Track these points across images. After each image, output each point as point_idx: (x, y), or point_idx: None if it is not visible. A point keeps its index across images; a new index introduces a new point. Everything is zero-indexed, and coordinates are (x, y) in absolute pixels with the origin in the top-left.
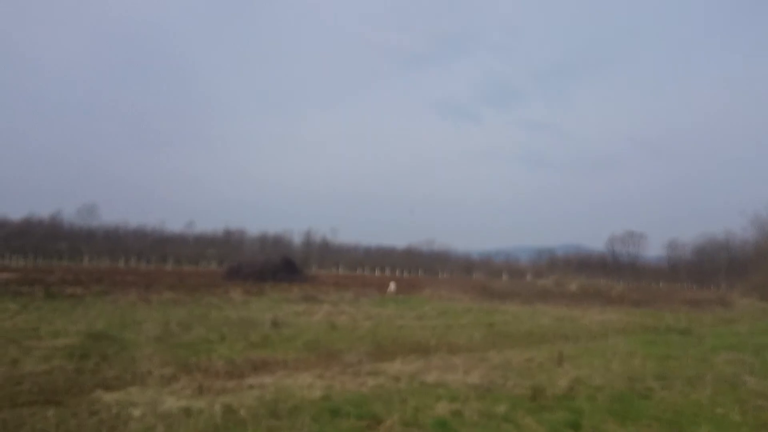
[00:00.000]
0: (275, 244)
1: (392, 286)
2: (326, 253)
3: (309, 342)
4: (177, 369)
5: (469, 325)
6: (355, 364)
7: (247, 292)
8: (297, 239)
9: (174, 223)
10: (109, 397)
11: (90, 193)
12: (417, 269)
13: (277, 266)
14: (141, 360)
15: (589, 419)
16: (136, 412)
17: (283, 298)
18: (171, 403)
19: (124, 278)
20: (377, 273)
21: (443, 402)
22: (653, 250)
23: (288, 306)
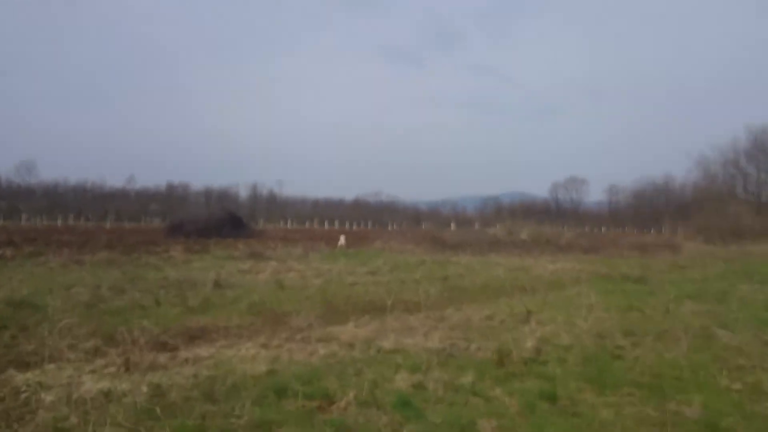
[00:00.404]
0: (221, 198)
1: (342, 239)
2: (273, 206)
3: (254, 304)
4: (103, 341)
5: (423, 280)
6: (304, 328)
7: (189, 250)
8: (243, 193)
9: (115, 179)
10: (21, 378)
11: (27, 151)
12: (366, 221)
13: (222, 221)
14: (64, 331)
15: (563, 388)
16: (49, 398)
17: (227, 255)
18: (90, 384)
19: (59, 237)
20: (326, 226)
21: (403, 372)
22: (595, 195)
23: (233, 264)
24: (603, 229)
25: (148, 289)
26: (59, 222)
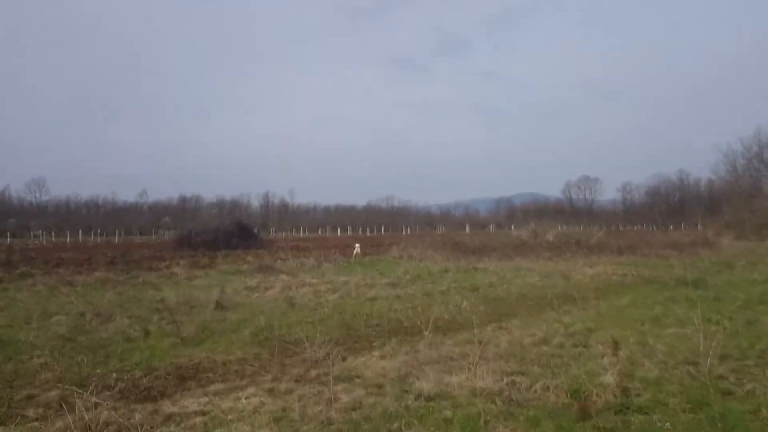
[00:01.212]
0: (233, 209)
1: (357, 248)
2: (285, 215)
3: (260, 330)
4: (70, 389)
5: (451, 291)
6: (319, 360)
7: (194, 264)
8: (255, 203)
9: (126, 194)
10: None
11: (37, 168)
12: (379, 227)
13: (231, 232)
14: (26, 376)
15: None
16: None
17: (235, 269)
18: None
19: (61, 255)
20: (339, 233)
21: None
22: (607, 193)
23: (240, 279)
24: (620, 227)
25: (140, 314)
26: (68, 239)
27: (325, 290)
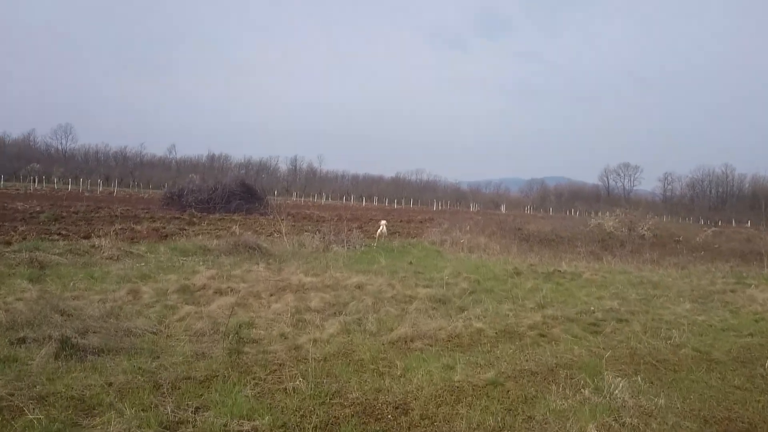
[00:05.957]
0: (260, 170)
1: (383, 227)
2: (312, 180)
3: None
4: None
5: (553, 331)
6: None
7: (154, 232)
8: (283, 166)
9: (154, 148)
10: None
11: (66, 116)
12: (406, 200)
13: (232, 193)
14: None
15: None
16: None
17: (198, 247)
18: None
19: (13, 206)
20: (364, 203)
21: None
22: (645, 183)
23: (192, 267)
24: (664, 218)
25: None
26: (71, 188)
27: (319, 307)
